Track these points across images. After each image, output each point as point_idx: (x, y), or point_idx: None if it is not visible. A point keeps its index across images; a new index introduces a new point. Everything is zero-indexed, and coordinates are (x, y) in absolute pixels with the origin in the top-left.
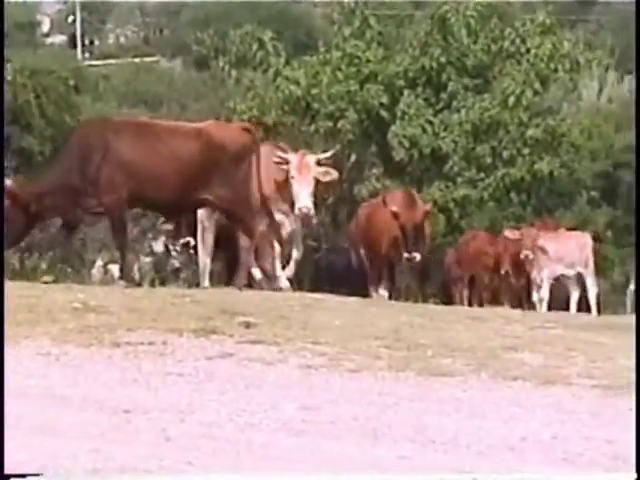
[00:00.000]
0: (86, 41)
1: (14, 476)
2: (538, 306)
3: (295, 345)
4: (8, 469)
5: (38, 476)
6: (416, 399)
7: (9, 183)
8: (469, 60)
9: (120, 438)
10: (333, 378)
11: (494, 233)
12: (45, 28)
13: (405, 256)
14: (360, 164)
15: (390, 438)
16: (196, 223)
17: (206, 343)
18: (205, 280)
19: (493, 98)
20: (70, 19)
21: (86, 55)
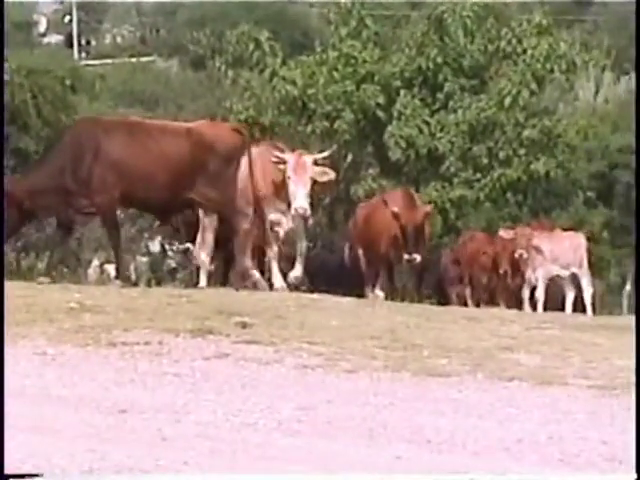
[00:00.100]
0: (82, 41)
1: (14, 476)
2: (527, 304)
3: (291, 345)
4: (6, 469)
5: (37, 476)
6: (412, 399)
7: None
8: (465, 60)
9: (116, 438)
10: (329, 378)
11: (490, 234)
12: (42, 28)
13: (405, 257)
14: (356, 164)
15: (386, 438)
16: (197, 226)
17: (202, 343)
18: (203, 279)
19: (489, 98)
20: (67, 19)
21: (83, 55)
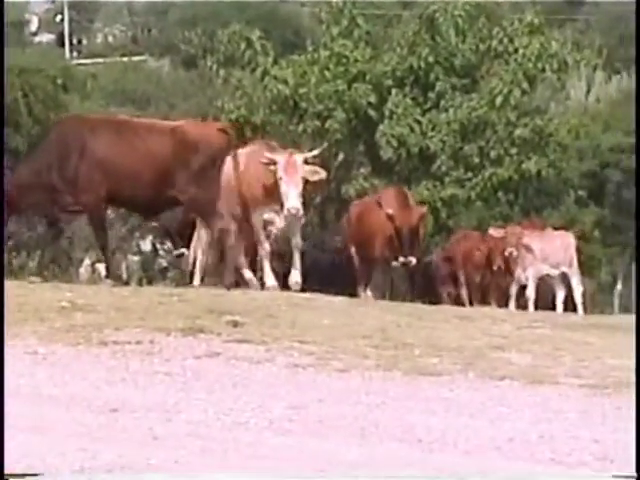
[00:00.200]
0: (74, 40)
1: (14, 476)
2: (513, 302)
3: (283, 344)
4: None
5: (37, 476)
6: (403, 398)
7: None
8: (457, 60)
9: (107, 437)
10: (321, 377)
11: (482, 233)
12: (33, 27)
13: (401, 260)
14: (348, 163)
15: (377, 437)
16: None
17: (193, 342)
18: (197, 277)
19: (481, 98)
20: (58, 18)
21: (74, 54)
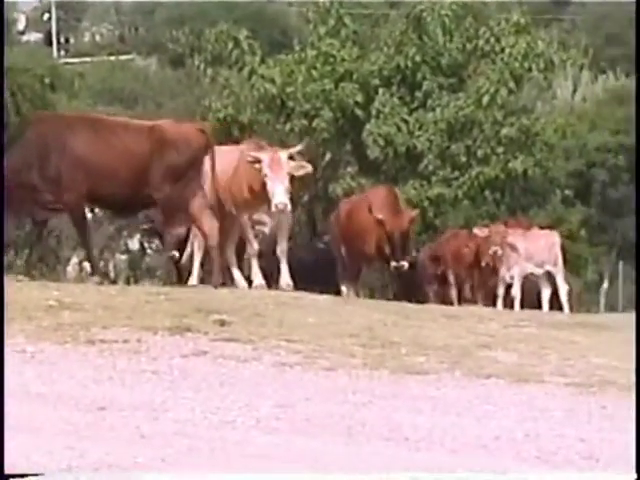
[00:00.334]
0: (62, 39)
1: (14, 476)
2: (500, 301)
3: (270, 343)
4: None
5: (38, 476)
6: (390, 397)
7: None
8: (444, 59)
9: (95, 435)
10: (308, 376)
11: (469, 231)
12: (21, 26)
13: (393, 265)
14: (335, 162)
15: (364, 436)
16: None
17: (180, 341)
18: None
19: (468, 97)
20: (46, 17)
21: (62, 53)
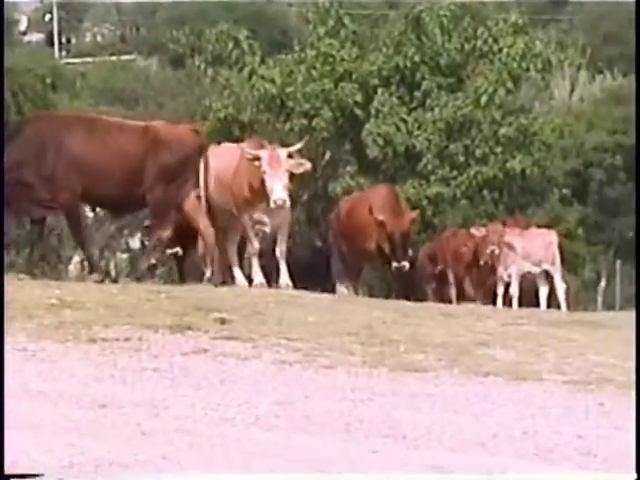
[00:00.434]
0: (63, 39)
1: (14, 476)
2: (500, 299)
3: (270, 341)
4: None
5: (38, 476)
6: (389, 394)
7: None
8: (442, 59)
9: (96, 433)
10: (307, 374)
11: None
12: (22, 26)
13: (394, 265)
14: (334, 162)
15: (363, 433)
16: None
17: (181, 339)
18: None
19: (466, 97)
20: (47, 17)
21: (63, 53)
